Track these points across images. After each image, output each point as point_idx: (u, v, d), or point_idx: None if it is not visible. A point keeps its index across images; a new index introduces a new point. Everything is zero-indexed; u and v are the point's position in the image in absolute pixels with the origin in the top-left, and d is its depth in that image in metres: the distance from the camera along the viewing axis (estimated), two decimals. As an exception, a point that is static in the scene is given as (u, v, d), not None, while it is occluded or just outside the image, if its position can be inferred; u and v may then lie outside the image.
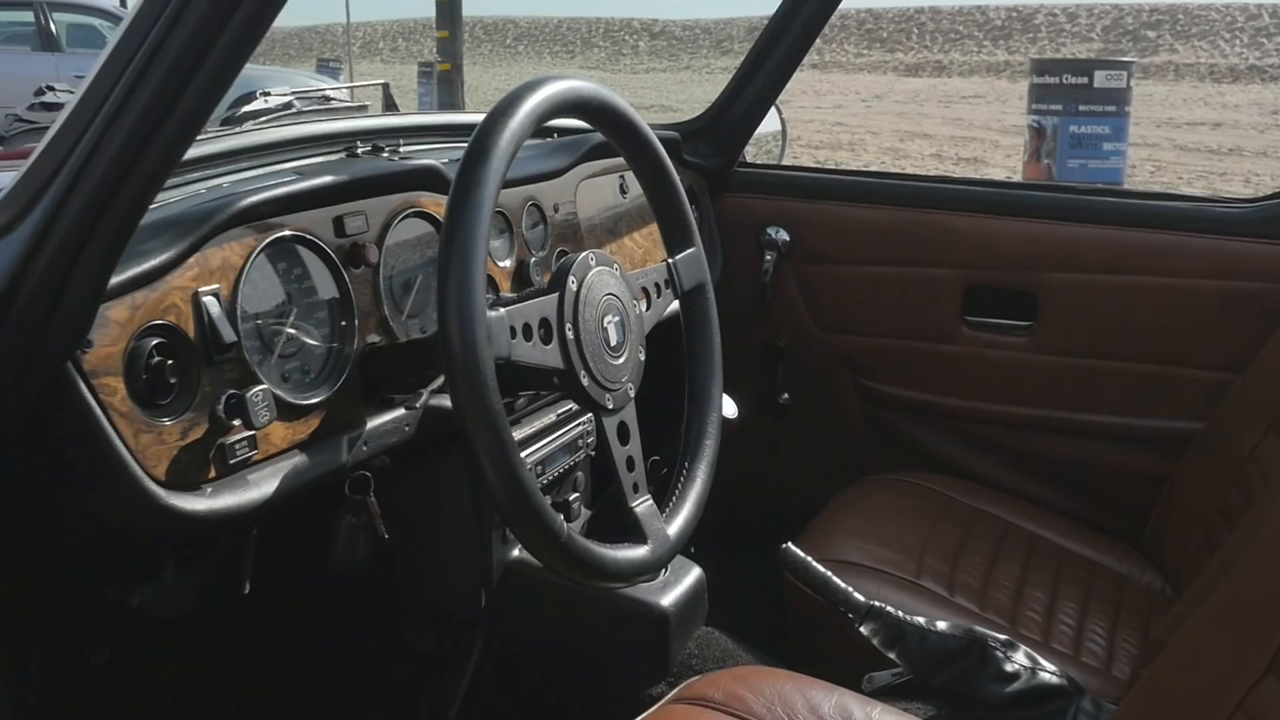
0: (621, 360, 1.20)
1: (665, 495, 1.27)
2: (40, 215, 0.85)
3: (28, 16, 10.66)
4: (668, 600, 1.38)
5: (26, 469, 0.97)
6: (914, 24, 33.91)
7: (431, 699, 1.48)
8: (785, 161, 2.33)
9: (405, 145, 1.51)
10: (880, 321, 2.09)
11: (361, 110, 1.66)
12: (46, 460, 0.97)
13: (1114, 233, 1.91)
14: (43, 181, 0.85)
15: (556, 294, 1.14)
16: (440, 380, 1.24)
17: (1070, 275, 1.94)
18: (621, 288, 1.22)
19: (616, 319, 1.20)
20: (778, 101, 2.17)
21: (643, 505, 1.19)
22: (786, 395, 2.17)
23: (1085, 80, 8.05)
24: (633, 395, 1.22)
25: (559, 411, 1.48)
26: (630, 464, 1.19)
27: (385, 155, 1.43)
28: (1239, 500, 1.64)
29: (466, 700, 1.47)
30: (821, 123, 16.51)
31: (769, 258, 2.11)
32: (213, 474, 1.05)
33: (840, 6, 2.02)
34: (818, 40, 2.06)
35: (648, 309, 1.29)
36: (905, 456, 2.09)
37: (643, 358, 1.26)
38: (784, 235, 2.11)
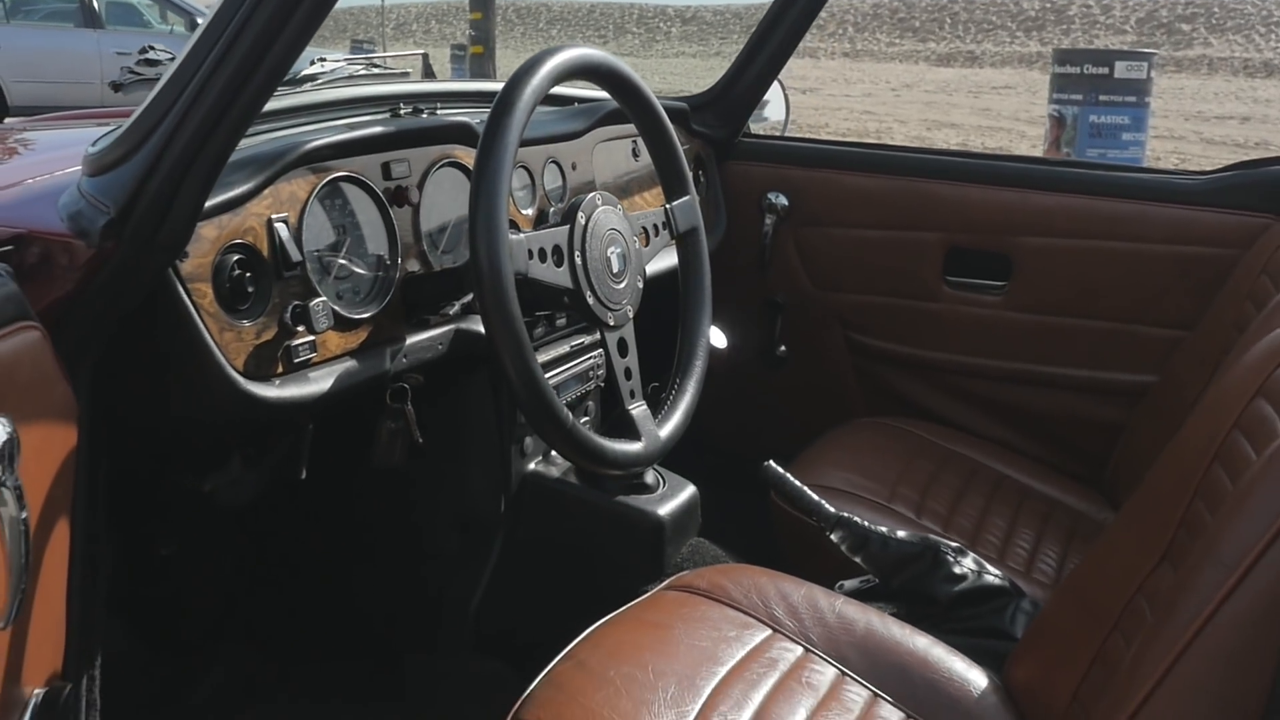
0: (622, 285, 1.41)
1: (659, 407, 1.48)
2: (153, 147, 1.05)
3: (71, -7, 10.96)
4: (664, 510, 1.58)
5: (135, 358, 1.18)
6: (947, 14, 33.79)
7: (455, 592, 1.69)
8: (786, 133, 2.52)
9: (441, 109, 1.71)
10: (869, 280, 2.27)
11: (404, 77, 1.87)
12: (151, 350, 1.18)
13: (1081, 201, 2.09)
14: (154, 121, 1.05)
15: (568, 226, 1.35)
16: (470, 297, 1.45)
17: (1041, 239, 2.12)
18: (624, 224, 1.43)
19: (619, 250, 1.41)
20: (781, 79, 2.36)
21: (638, 409, 1.41)
22: (784, 348, 2.36)
23: (1106, 71, 8.11)
24: (631, 316, 1.43)
25: (572, 344, 1.69)
26: (628, 374, 1.40)
27: (424, 115, 1.64)
28: None
29: (486, 594, 1.68)
30: (850, 110, 16.59)
31: (769, 221, 2.30)
32: (280, 370, 1.26)
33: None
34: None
35: (646, 246, 1.50)
36: (890, 403, 2.27)
37: (641, 286, 1.46)
38: (783, 200, 2.30)
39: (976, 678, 1.35)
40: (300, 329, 1.27)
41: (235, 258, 1.22)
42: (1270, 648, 0.77)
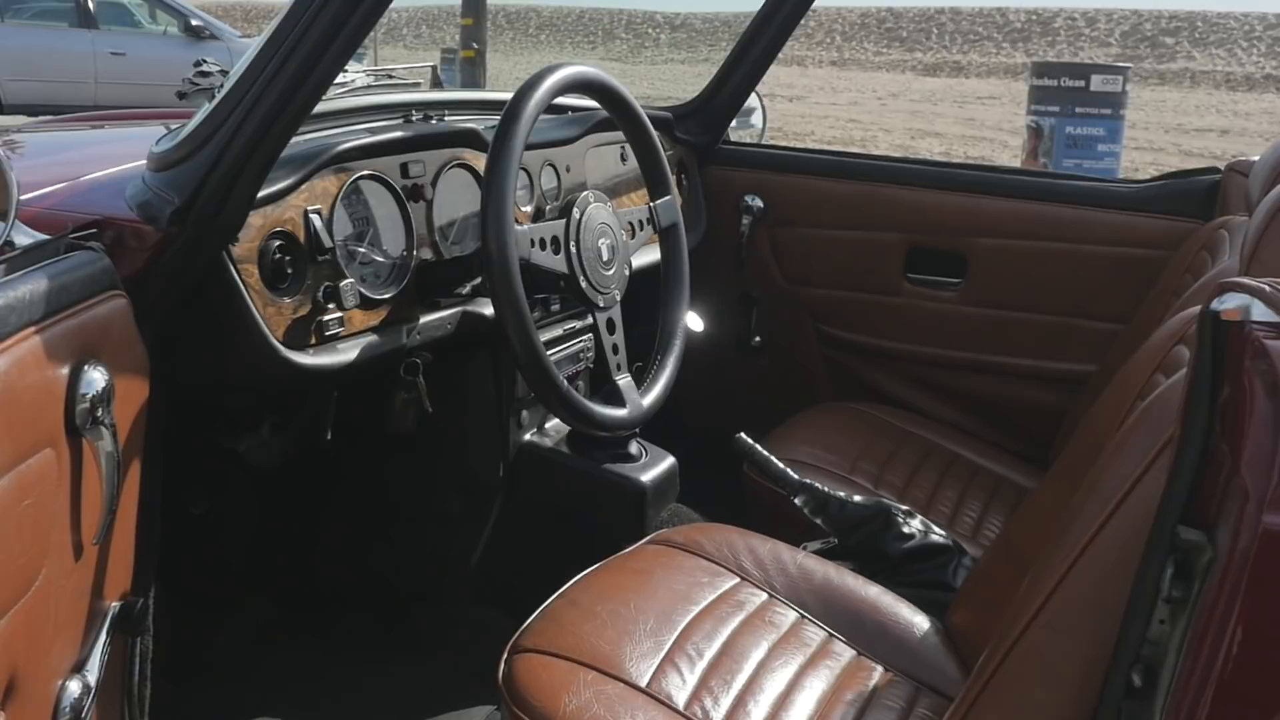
0: (611, 272, 1.60)
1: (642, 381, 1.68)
2: (214, 147, 1.23)
3: (66, -7, 11.07)
4: (646, 478, 1.77)
5: (191, 328, 1.37)
6: (934, 24, 34.07)
7: (458, 549, 1.88)
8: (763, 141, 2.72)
9: (449, 115, 1.90)
10: (837, 276, 2.47)
11: (415, 86, 2.07)
12: (205, 321, 1.37)
13: (1029, 206, 2.30)
14: (215, 125, 1.23)
15: (564, 219, 1.55)
16: (477, 280, 1.64)
17: (993, 241, 2.32)
18: (613, 220, 1.63)
19: (608, 242, 1.61)
20: (760, 91, 2.56)
21: (623, 380, 1.60)
22: (758, 338, 2.55)
23: (1082, 83, 8.33)
24: (618, 299, 1.63)
25: (565, 327, 1.88)
26: (615, 349, 1.60)
27: (434, 122, 1.83)
28: None
29: (485, 551, 1.87)
30: (836, 119, 16.80)
31: (746, 221, 2.49)
32: (314, 341, 1.45)
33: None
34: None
35: (632, 239, 1.70)
36: (855, 389, 2.47)
37: (627, 274, 1.66)
38: (759, 202, 2.49)
39: (921, 622, 1.53)
40: (331, 306, 1.46)
41: (277, 243, 1.40)
42: (1135, 562, 0.94)
